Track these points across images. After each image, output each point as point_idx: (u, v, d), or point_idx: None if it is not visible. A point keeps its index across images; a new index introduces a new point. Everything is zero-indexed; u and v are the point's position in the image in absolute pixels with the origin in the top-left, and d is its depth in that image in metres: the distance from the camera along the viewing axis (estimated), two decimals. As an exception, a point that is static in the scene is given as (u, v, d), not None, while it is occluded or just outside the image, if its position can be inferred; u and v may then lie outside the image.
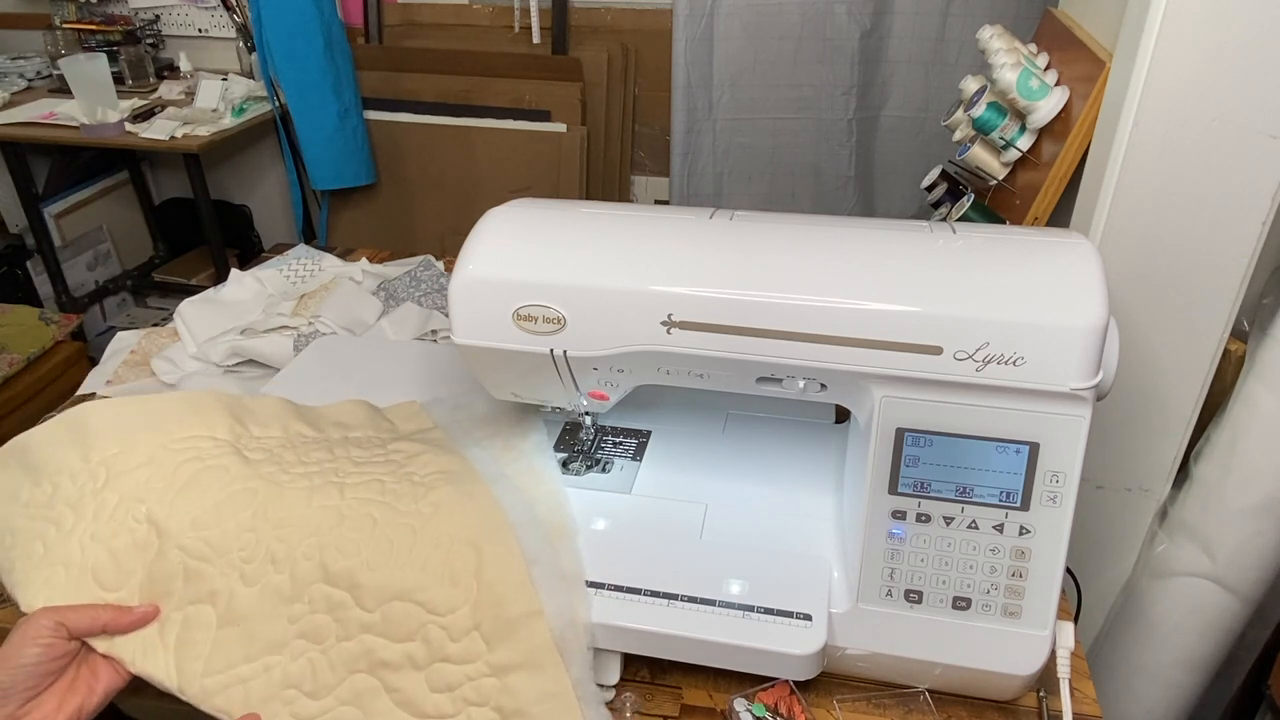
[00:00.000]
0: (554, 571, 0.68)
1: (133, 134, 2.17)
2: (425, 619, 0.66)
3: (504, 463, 0.79)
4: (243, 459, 0.74)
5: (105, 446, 0.72)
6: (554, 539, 0.71)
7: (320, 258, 1.36)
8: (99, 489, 0.70)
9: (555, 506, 0.75)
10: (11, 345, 1.94)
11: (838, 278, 0.65)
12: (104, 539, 0.69)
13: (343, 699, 0.66)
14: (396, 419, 0.86)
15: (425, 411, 0.87)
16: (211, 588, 0.68)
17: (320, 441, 0.79)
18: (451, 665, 0.65)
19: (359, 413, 0.86)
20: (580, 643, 0.66)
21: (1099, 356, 0.61)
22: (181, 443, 0.74)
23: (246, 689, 0.66)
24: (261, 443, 0.77)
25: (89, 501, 0.70)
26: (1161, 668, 1.04)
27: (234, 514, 0.70)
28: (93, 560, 0.68)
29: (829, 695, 0.72)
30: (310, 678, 0.66)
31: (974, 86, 1.18)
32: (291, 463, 0.75)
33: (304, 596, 0.67)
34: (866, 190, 2.10)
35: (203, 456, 0.73)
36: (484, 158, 2.40)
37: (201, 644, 0.67)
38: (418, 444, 0.80)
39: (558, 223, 0.73)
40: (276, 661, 0.67)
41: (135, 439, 0.73)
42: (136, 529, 0.69)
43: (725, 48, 1.92)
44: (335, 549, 0.68)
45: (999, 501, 0.65)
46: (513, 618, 0.65)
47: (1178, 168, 0.85)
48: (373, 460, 0.76)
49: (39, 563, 0.68)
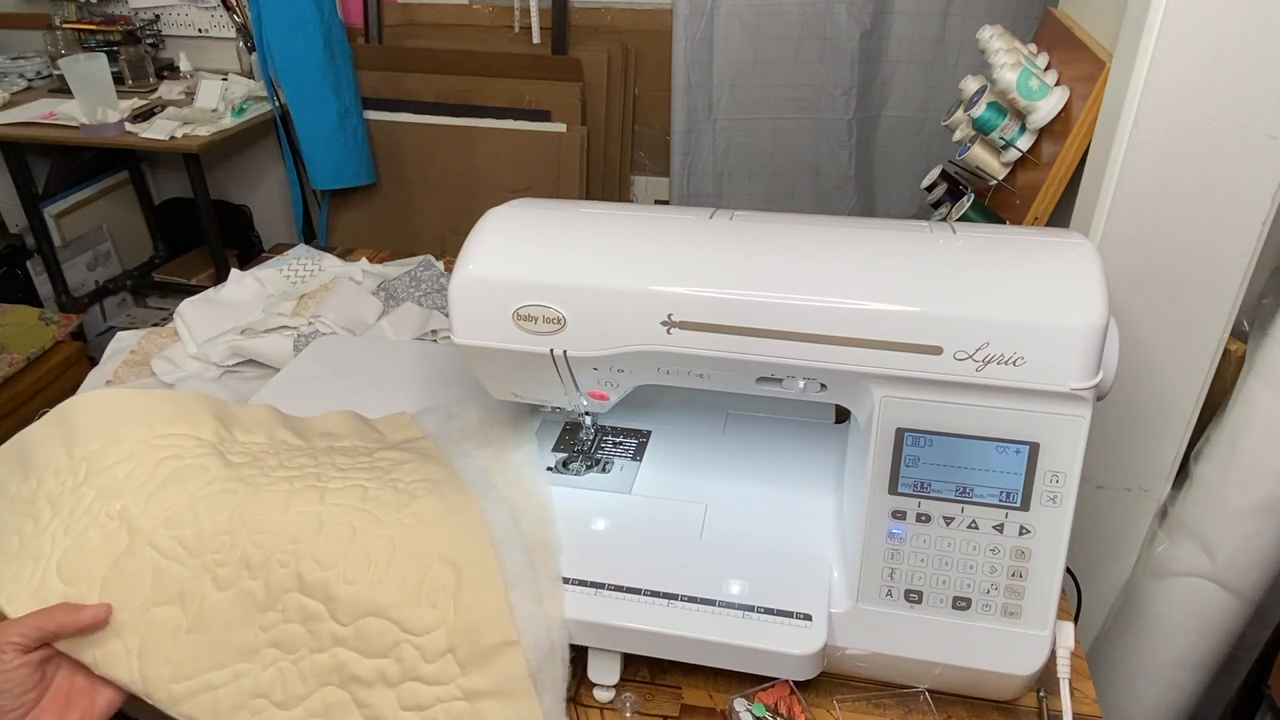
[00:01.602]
0: (533, 596, 0.67)
1: (133, 134, 2.17)
2: (400, 637, 0.65)
3: (493, 473, 0.78)
4: (224, 461, 0.73)
5: (88, 441, 0.71)
6: (536, 557, 0.70)
7: (320, 258, 1.36)
8: (78, 484, 0.70)
9: (541, 521, 0.75)
10: (11, 345, 1.94)
11: (838, 278, 0.65)
12: (74, 533, 0.68)
13: (312, 710, 0.65)
14: (385, 429, 0.86)
15: (415, 422, 0.86)
16: (181, 589, 0.67)
17: (305, 449, 0.78)
18: (424, 685, 0.65)
19: (347, 423, 0.85)
20: (556, 673, 0.66)
21: (1099, 356, 0.61)
22: (164, 439, 0.73)
23: (215, 696, 0.65)
24: (245, 447, 0.76)
25: (68, 498, 0.69)
26: (1161, 668, 1.04)
27: (210, 515, 0.69)
28: (59, 554, 0.67)
29: (829, 695, 0.72)
30: (280, 688, 0.66)
31: (974, 86, 1.18)
32: (273, 467, 0.74)
33: (278, 605, 0.67)
34: (866, 190, 2.10)
35: (183, 455, 0.72)
36: (484, 158, 2.40)
37: (168, 648, 0.66)
38: (405, 452, 0.79)
39: (558, 223, 0.73)
40: (247, 670, 0.66)
41: (117, 433, 0.72)
42: (107, 524, 0.68)
43: (725, 48, 1.92)
44: (312, 558, 0.67)
45: (999, 501, 0.65)
46: (488, 646, 0.65)
47: (1178, 168, 0.85)
48: (357, 467, 0.75)
49: (11, 557, 0.67)
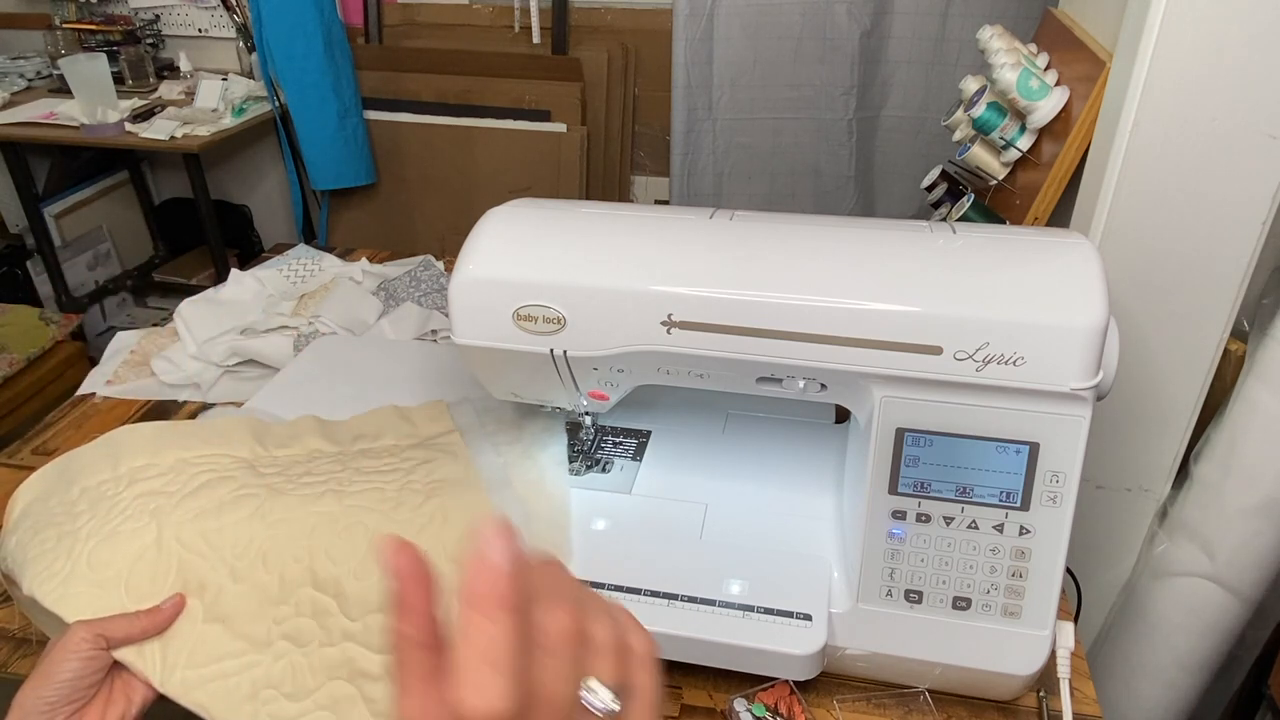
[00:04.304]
0: None
1: (133, 134, 2.17)
2: None
3: (515, 471, 0.79)
4: (254, 472, 0.76)
5: (133, 459, 0.75)
6: None
7: (320, 258, 1.36)
8: (119, 492, 0.73)
9: (554, 525, 0.75)
10: (11, 345, 1.94)
11: (838, 278, 0.65)
12: (107, 530, 0.70)
13: (320, 704, 0.66)
14: (419, 420, 0.87)
15: (449, 413, 0.87)
16: (201, 580, 0.68)
17: (335, 456, 0.80)
18: None
19: (383, 420, 0.87)
20: None
21: (1099, 356, 0.61)
22: (202, 458, 0.76)
23: (226, 685, 0.66)
24: (276, 459, 0.79)
25: (107, 503, 0.72)
26: (1161, 668, 1.04)
27: (233, 512, 0.71)
28: (90, 547, 0.69)
29: (829, 695, 0.72)
30: (290, 680, 0.66)
31: (974, 86, 1.18)
32: (300, 474, 0.76)
33: (291, 599, 0.68)
34: (866, 190, 2.10)
35: (217, 469, 0.76)
36: (484, 158, 2.40)
37: (186, 635, 0.67)
38: (429, 450, 0.80)
39: (558, 223, 0.73)
40: (259, 660, 0.67)
41: (161, 454, 0.76)
42: (139, 520, 0.70)
43: (725, 48, 1.92)
44: (325, 554, 0.68)
45: (999, 501, 0.65)
46: None
47: (1178, 168, 0.85)
48: (380, 470, 0.77)
49: (47, 550, 0.69)
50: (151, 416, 1.04)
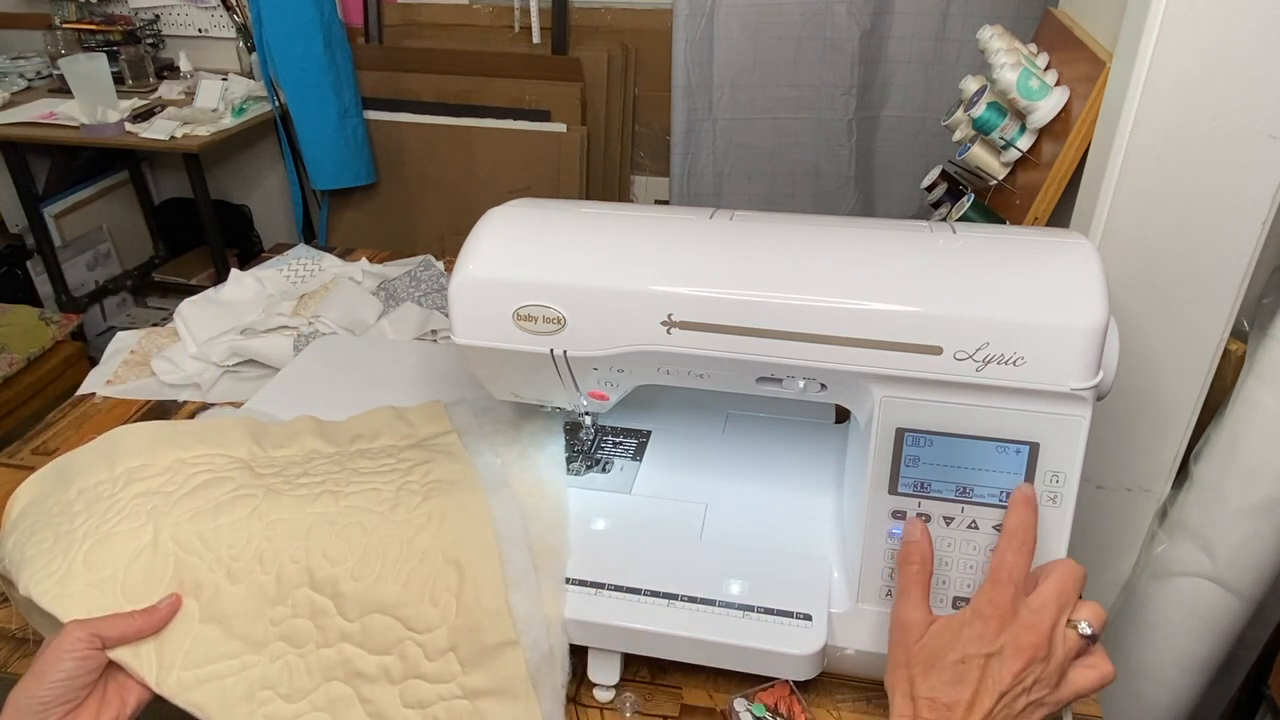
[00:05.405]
0: (534, 598, 0.68)
1: (133, 134, 2.18)
2: (403, 634, 0.66)
3: (513, 472, 0.79)
4: (251, 472, 0.76)
5: (130, 460, 0.75)
6: (541, 559, 0.70)
7: (320, 258, 1.36)
8: (115, 493, 0.72)
9: (551, 525, 0.74)
10: (11, 345, 1.95)
11: (838, 278, 0.65)
12: (104, 529, 0.70)
13: (316, 705, 0.66)
14: (417, 420, 0.87)
15: (446, 414, 0.87)
16: (198, 580, 0.68)
17: (333, 456, 0.80)
18: (425, 683, 0.66)
19: (380, 420, 0.86)
20: (555, 677, 0.67)
21: (1099, 356, 0.61)
22: (198, 459, 0.76)
23: (223, 686, 0.66)
24: (274, 460, 0.79)
25: (104, 503, 0.72)
26: (1161, 668, 1.04)
27: (230, 512, 0.71)
28: (87, 546, 0.69)
29: (829, 695, 0.72)
30: (287, 680, 0.67)
31: (974, 86, 1.18)
32: (296, 475, 0.76)
33: (288, 599, 0.68)
34: (866, 190, 2.10)
35: (214, 469, 0.75)
36: (484, 158, 2.40)
37: (182, 636, 0.67)
38: (427, 451, 0.80)
39: (558, 223, 0.73)
40: (255, 661, 0.67)
41: (158, 455, 0.76)
42: (136, 520, 0.70)
43: (725, 48, 1.92)
44: (322, 555, 0.68)
45: (999, 501, 0.65)
46: (489, 645, 0.65)
47: (1178, 168, 0.85)
48: (378, 470, 0.77)
49: (44, 551, 0.69)
50: (151, 416, 1.05)
